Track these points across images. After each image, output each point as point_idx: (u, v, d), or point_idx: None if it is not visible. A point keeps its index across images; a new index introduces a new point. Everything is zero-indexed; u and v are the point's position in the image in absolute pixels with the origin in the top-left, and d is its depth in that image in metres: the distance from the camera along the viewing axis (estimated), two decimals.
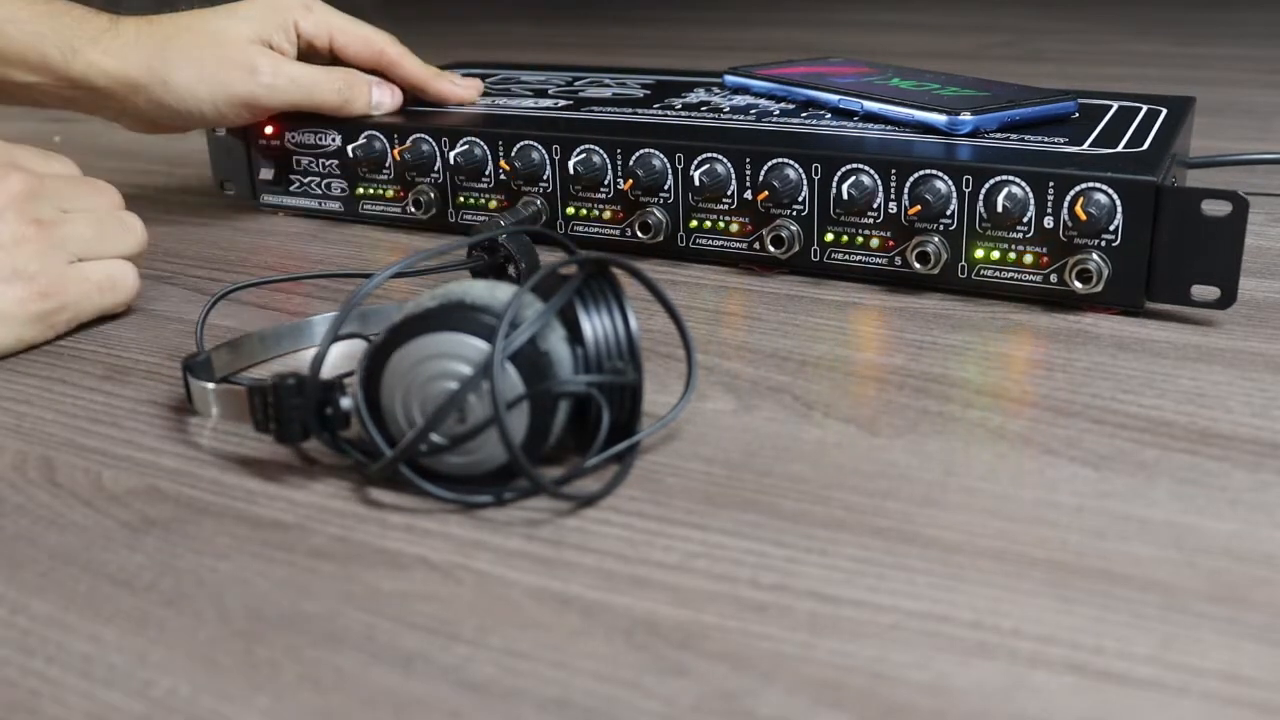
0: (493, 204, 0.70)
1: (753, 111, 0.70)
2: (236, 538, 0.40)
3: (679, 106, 0.72)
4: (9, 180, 0.54)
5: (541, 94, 0.78)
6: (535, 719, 0.31)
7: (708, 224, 0.65)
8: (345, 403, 0.41)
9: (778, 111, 0.70)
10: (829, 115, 0.69)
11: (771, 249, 0.62)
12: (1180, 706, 0.31)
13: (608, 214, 0.67)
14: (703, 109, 0.72)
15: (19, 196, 0.54)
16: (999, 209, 0.56)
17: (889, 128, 0.65)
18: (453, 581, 0.37)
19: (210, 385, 0.47)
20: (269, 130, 0.76)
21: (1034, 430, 0.46)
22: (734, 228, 0.64)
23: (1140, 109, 0.67)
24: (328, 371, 0.41)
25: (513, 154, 0.68)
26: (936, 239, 0.58)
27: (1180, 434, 0.45)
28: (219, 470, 0.45)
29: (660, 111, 0.71)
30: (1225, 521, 0.39)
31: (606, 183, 0.67)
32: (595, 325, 0.42)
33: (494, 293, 0.42)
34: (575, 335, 0.42)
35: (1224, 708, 0.31)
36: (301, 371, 0.42)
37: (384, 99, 0.74)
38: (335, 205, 0.76)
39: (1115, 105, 0.68)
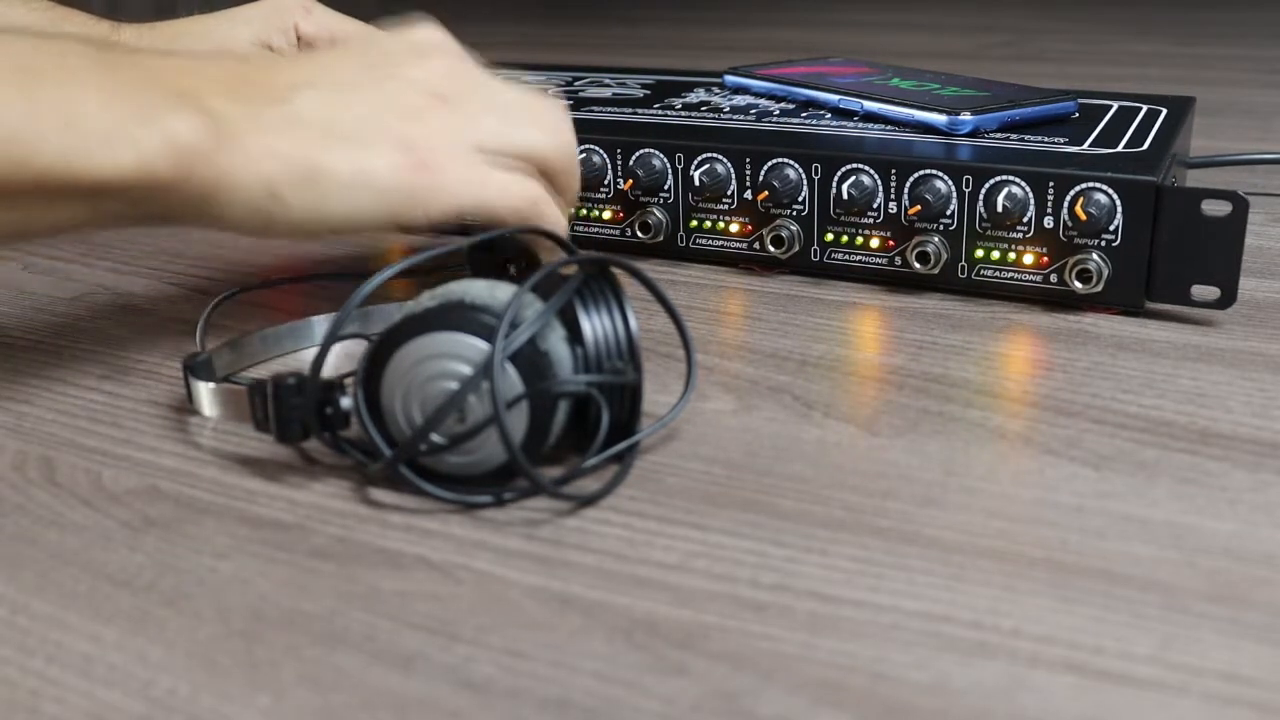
0: None
1: (753, 111, 0.70)
2: (236, 538, 0.40)
3: (679, 106, 0.72)
4: (434, 59, 0.51)
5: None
6: (535, 719, 0.31)
7: (708, 224, 0.65)
8: (345, 402, 0.41)
9: (778, 111, 0.70)
10: (829, 115, 0.69)
11: (771, 249, 0.62)
12: (1180, 706, 0.31)
13: (608, 214, 0.67)
14: (703, 109, 0.72)
15: (439, 74, 0.51)
16: (999, 209, 0.56)
17: (889, 128, 0.65)
18: (453, 581, 0.37)
19: (211, 385, 0.47)
20: None
21: (1034, 430, 0.46)
22: (734, 228, 0.64)
23: (1140, 109, 0.67)
24: (328, 371, 0.41)
25: None
26: (936, 239, 0.58)
27: (1180, 434, 0.45)
28: (219, 470, 0.45)
29: (660, 111, 0.71)
30: (1225, 521, 0.39)
31: (606, 182, 0.67)
32: (595, 325, 0.42)
33: (494, 293, 0.42)
34: (575, 335, 0.42)
35: (1224, 708, 0.31)
36: (302, 371, 0.42)
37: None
38: None
39: (1115, 105, 0.68)
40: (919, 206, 0.58)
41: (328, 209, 0.46)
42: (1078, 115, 0.66)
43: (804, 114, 0.70)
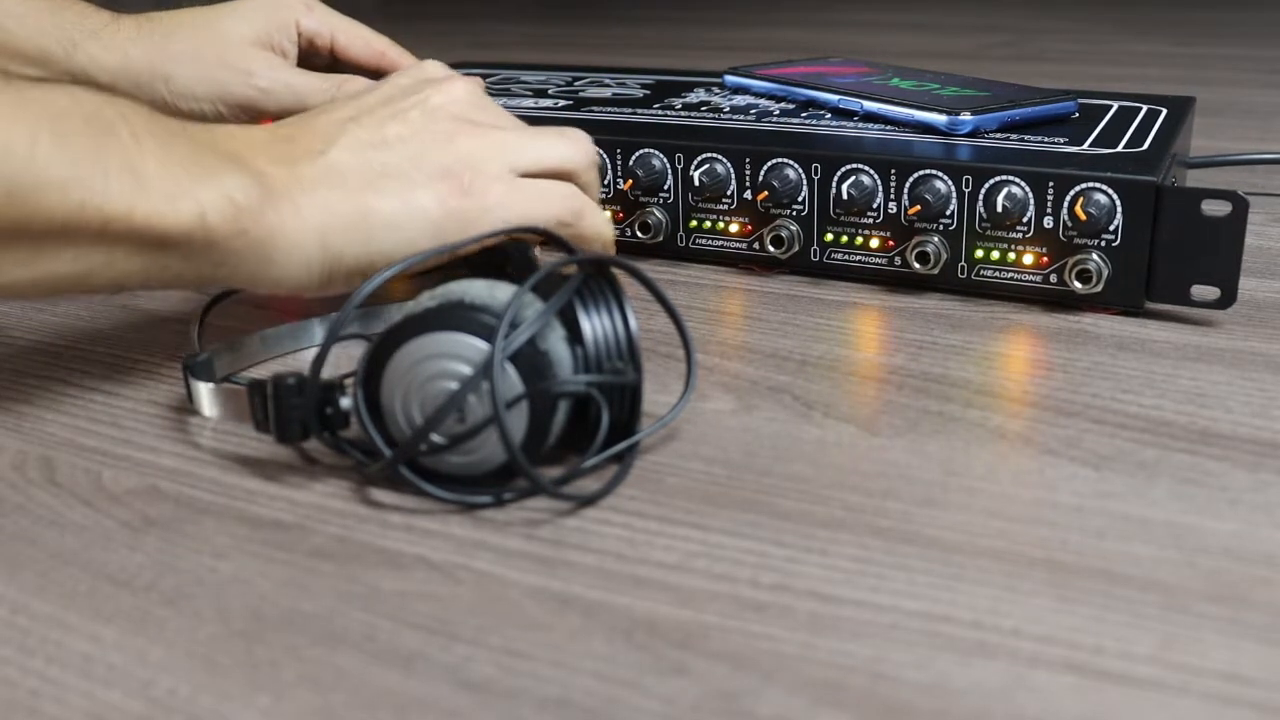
0: None
1: (753, 111, 0.70)
2: (236, 538, 0.40)
3: (679, 106, 0.72)
4: (453, 85, 0.53)
5: (542, 94, 0.78)
6: (535, 719, 0.31)
7: (707, 224, 0.65)
8: (345, 402, 0.41)
9: (777, 111, 0.70)
10: (829, 115, 0.69)
11: (771, 249, 0.62)
12: (1180, 706, 0.31)
13: (607, 214, 0.67)
14: (703, 109, 0.72)
15: (459, 100, 0.53)
16: (999, 209, 0.56)
17: (889, 128, 0.65)
18: (453, 581, 0.37)
19: (210, 385, 0.47)
20: None
21: (1034, 430, 0.46)
22: (734, 228, 0.64)
23: (1140, 109, 0.67)
24: (327, 371, 0.41)
25: None
26: (936, 239, 0.58)
27: (1180, 434, 0.45)
28: (219, 470, 0.45)
29: (660, 111, 0.71)
30: (1225, 521, 0.39)
31: (607, 182, 0.67)
32: (595, 325, 0.42)
33: (493, 292, 0.42)
34: (575, 335, 0.42)
35: (1224, 708, 0.31)
36: (302, 371, 0.42)
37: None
38: None
39: (1115, 105, 0.68)
40: (919, 206, 0.58)
41: (381, 249, 0.47)
42: (1077, 115, 0.66)
43: (804, 114, 0.70)
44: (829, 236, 0.62)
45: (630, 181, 0.65)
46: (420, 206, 0.48)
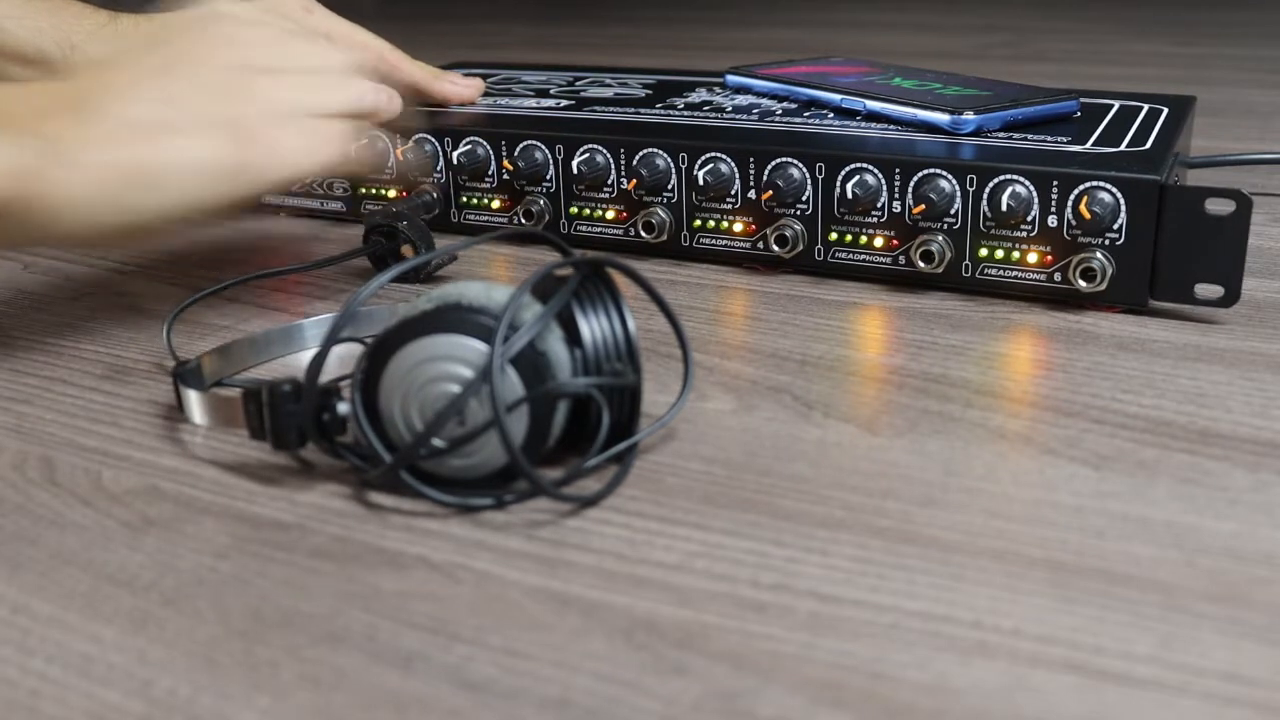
0: (495, 204, 0.70)
1: (755, 111, 0.70)
2: (236, 538, 0.40)
3: (681, 106, 0.72)
4: (237, 34, 0.54)
5: (543, 94, 0.78)
6: (535, 719, 0.31)
7: (711, 223, 0.65)
8: (343, 408, 0.41)
9: (780, 111, 0.70)
10: (831, 115, 0.69)
11: (775, 248, 0.62)
12: (1180, 706, 0.31)
13: (611, 214, 0.67)
14: (705, 108, 0.72)
15: (247, 44, 0.53)
16: (1003, 208, 0.56)
17: (892, 127, 0.65)
18: (453, 581, 0.37)
19: (200, 393, 0.46)
20: None
21: (1034, 430, 0.46)
22: (738, 227, 0.64)
23: (1142, 108, 0.67)
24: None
25: (516, 154, 0.68)
26: (940, 238, 0.58)
27: (1180, 434, 0.45)
28: (219, 470, 0.45)
29: (663, 111, 0.71)
30: (1225, 521, 0.39)
31: (610, 182, 0.67)
32: (593, 326, 0.42)
33: (490, 294, 0.41)
34: (573, 336, 0.42)
35: (1224, 708, 0.31)
36: (296, 377, 0.41)
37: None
38: (337, 205, 0.76)
39: (1117, 105, 0.68)
40: (923, 206, 0.58)
41: (167, 202, 0.49)
42: (1079, 115, 0.66)
43: (807, 113, 0.70)
44: (833, 236, 0.62)
45: (634, 181, 0.65)
46: (202, 159, 0.49)
